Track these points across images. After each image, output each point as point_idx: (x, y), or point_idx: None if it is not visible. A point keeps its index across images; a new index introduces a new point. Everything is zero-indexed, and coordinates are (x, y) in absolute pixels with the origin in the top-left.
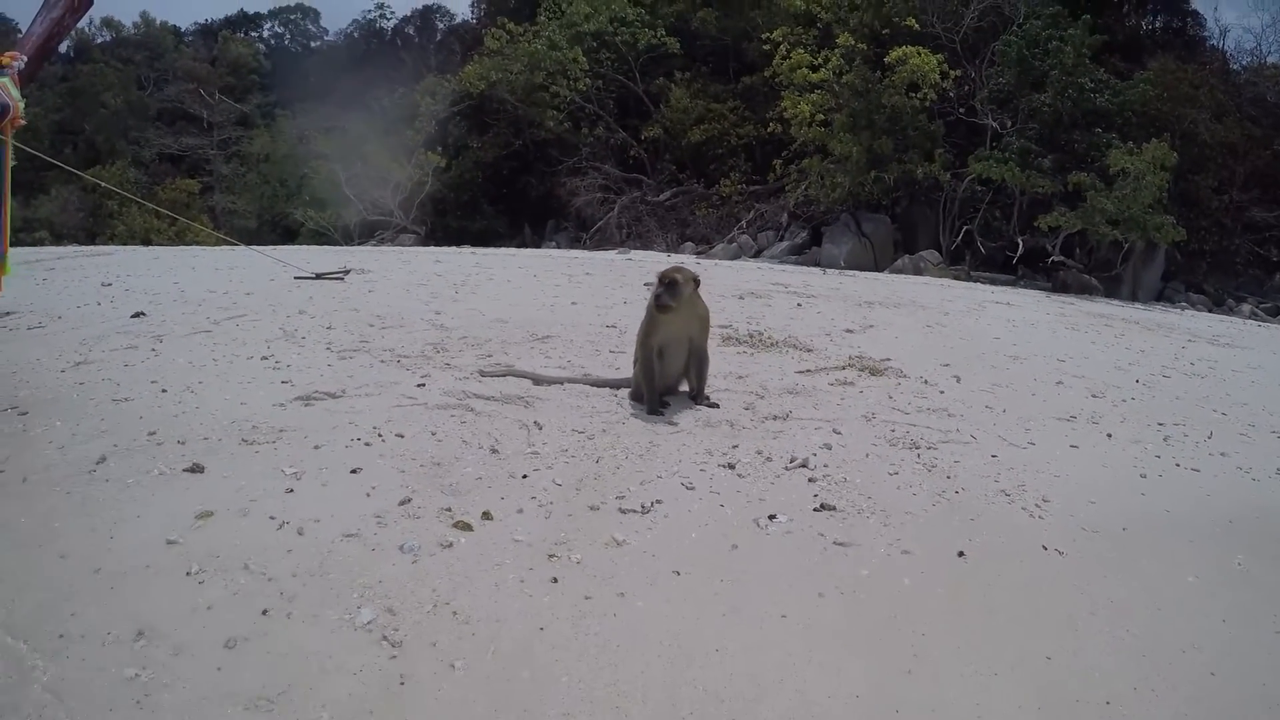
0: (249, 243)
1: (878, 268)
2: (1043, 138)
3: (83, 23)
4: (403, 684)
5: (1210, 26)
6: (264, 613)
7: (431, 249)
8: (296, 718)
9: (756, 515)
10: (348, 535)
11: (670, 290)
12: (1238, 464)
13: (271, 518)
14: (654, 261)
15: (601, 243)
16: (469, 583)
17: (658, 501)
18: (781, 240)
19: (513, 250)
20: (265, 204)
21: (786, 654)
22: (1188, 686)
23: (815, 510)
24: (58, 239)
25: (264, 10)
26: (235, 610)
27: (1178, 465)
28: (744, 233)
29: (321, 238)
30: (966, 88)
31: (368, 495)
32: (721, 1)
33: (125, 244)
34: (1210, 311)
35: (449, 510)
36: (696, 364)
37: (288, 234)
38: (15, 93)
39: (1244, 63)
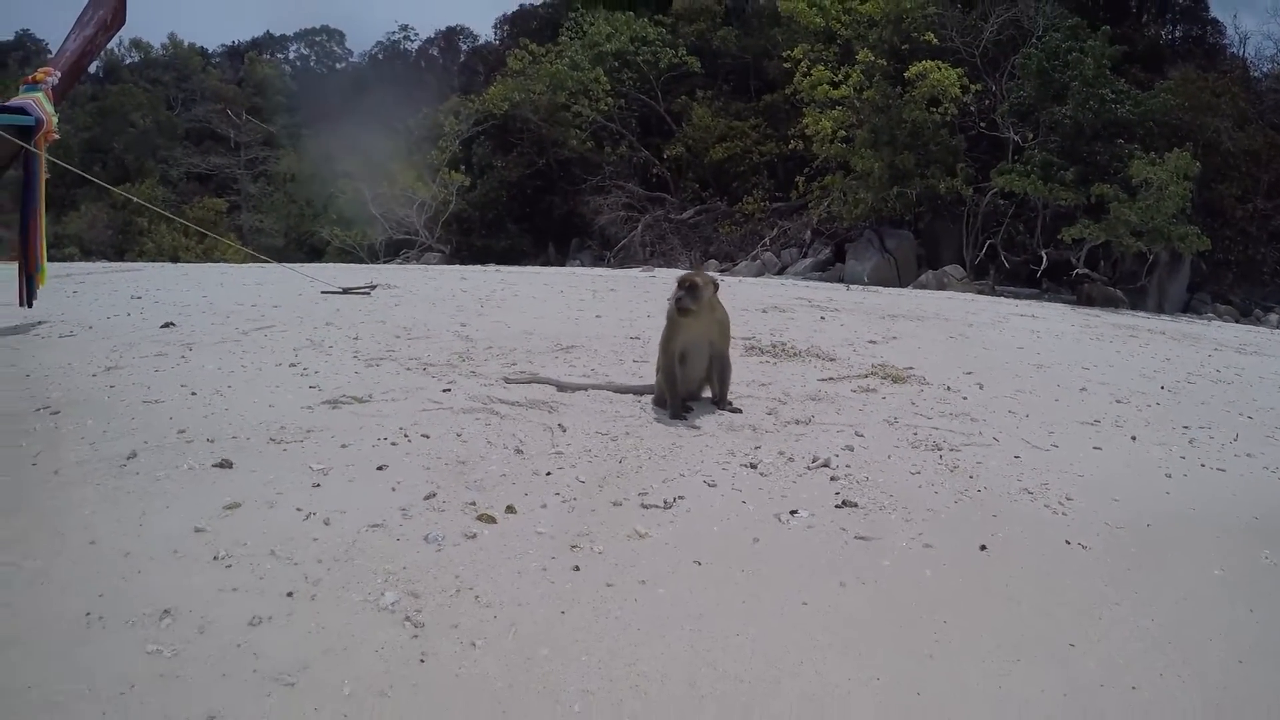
0: (276, 261)
1: (901, 283)
2: (1064, 150)
3: (112, 44)
4: (423, 661)
5: (1230, 34)
6: (289, 594)
7: (457, 267)
8: (319, 691)
9: (778, 511)
10: (373, 526)
11: (691, 293)
12: (1264, 464)
13: (298, 509)
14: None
15: (625, 261)
16: (491, 570)
17: (680, 498)
18: (805, 257)
19: (538, 268)
20: (292, 223)
21: (807, 638)
22: (1215, 674)
23: (837, 507)
24: (87, 255)
25: (290, 32)
26: (260, 592)
27: (1203, 466)
28: (767, 250)
29: (348, 256)
30: (987, 101)
31: (393, 490)
32: (741, 20)
33: (154, 261)
34: (1237, 322)
35: (473, 504)
36: (718, 369)
37: (314, 252)
38: (49, 107)
39: (1265, 70)
